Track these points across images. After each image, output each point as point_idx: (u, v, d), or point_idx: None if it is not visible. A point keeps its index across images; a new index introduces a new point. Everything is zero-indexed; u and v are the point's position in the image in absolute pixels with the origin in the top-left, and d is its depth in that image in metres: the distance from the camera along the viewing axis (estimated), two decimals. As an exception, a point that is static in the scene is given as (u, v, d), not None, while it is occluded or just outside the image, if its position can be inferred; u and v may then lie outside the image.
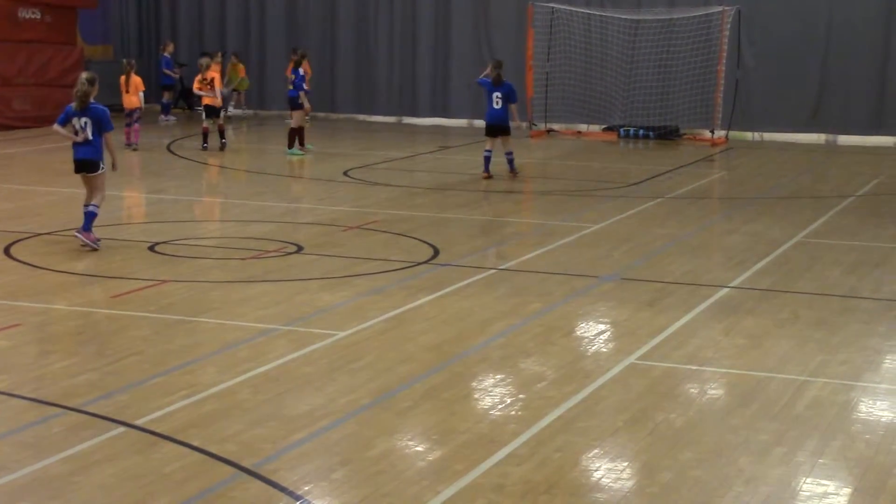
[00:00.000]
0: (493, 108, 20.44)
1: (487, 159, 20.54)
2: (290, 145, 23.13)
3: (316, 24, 32.02)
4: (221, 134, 23.84)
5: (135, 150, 23.17)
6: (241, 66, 31.36)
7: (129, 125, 23.59)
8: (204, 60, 24.72)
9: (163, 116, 30.06)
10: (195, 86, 24.27)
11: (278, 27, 32.43)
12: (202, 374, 9.17)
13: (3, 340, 10.05)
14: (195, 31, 33.35)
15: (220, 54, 29.04)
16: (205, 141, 23.78)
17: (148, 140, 25.10)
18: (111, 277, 12.48)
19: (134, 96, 23.38)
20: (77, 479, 7.05)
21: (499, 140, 20.52)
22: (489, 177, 20.42)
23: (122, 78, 23.62)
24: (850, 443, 7.92)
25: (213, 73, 24.11)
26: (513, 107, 20.50)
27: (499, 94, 20.36)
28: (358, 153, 24.04)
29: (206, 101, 23.92)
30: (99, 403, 8.40)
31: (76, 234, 13.83)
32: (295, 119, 22.95)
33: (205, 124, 23.97)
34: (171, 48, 30.90)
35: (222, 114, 24.37)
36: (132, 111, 23.50)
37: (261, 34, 32.63)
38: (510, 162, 20.74)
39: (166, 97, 30.46)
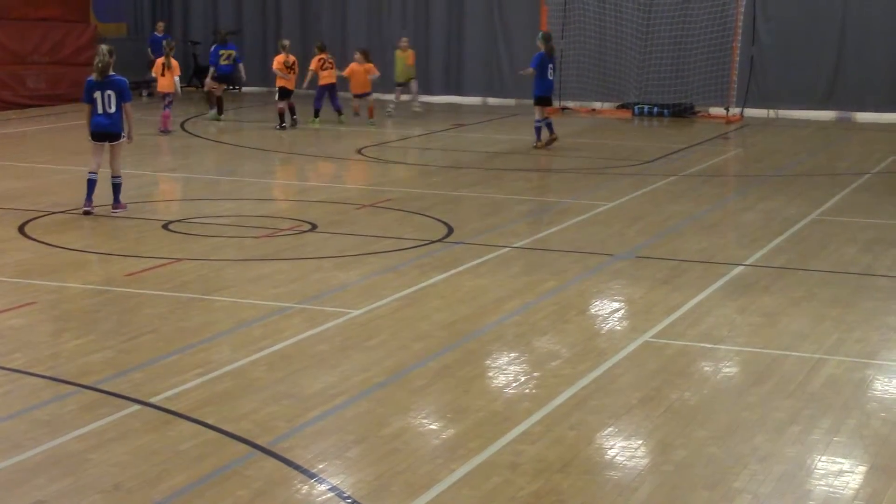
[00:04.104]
0: (549, 80, 21.32)
1: (539, 129, 21.41)
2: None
3: (329, 2, 31.91)
4: (291, 111, 23.95)
5: (165, 134, 22.56)
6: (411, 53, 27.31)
7: (166, 107, 23.02)
8: (287, 42, 24.93)
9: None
10: (275, 65, 24.30)
11: (292, 4, 32.33)
12: (216, 352, 9.18)
13: (18, 319, 10.07)
14: (209, 9, 33.26)
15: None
16: (282, 121, 23.79)
17: (156, 119, 25.11)
18: (126, 255, 12.49)
19: (170, 79, 22.79)
20: (92, 457, 7.07)
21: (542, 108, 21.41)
22: (543, 145, 21.33)
23: (160, 60, 22.97)
24: (865, 421, 7.90)
25: (294, 58, 24.34)
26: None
27: (552, 66, 21.30)
28: (372, 131, 23.99)
29: (280, 82, 23.95)
30: (113, 381, 8.42)
31: (112, 212, 14.46)
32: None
33: (279, 105, 23.84)
34: (160, 27, 30.74)
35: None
36: (165, 95, 22.89)
37: (277, 11, 32.53)
38: (550, 126, 21.49)
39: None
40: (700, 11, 27.94)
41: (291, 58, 24.28)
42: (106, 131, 14.47)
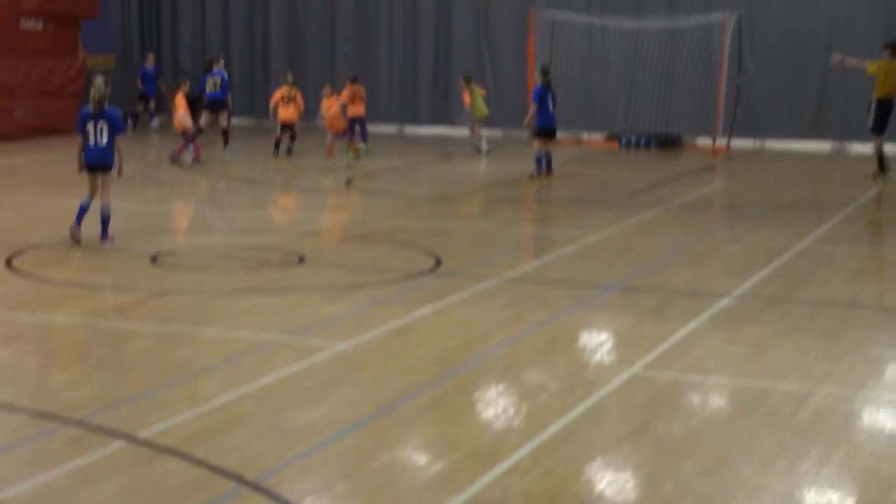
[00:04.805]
0: (550, 112, 21.70)
1: (540, 160, 21.68)
2: None
3: (317, 33, 32.06)
4: (287, 143, 24.71)
5: (181, 166, 22.80)
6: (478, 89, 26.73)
7: (190, 141, 23.18)
8: (290, 76, 25.47)
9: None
10: (274, 99, 24.93)
11: (280, 36, 32.47)
12: (204, 386, 9.15)
13: (3, 353, 10.03)
14: (197, 40, 33.38)
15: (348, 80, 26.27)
16: (276, 147, 24.81)
17: (145, 149, 25.18)
18: (113, 288, 12.46)
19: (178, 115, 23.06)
20: (78, 493, 7.03)
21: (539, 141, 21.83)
22: (542, 176, 21.63)
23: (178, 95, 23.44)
24: (853, 453, 7.90)
25: (297, 92, 24.96)
26: (535, 106, 21.80)
27: (551, 98, 21.71)
28: (360, 162, 24.02)
29: (283, 116, 24.66)
30: (100, 416, 8.38)
31: (101, 244, 14.47)
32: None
33: (277, 134, 24.69)
34: (150, 59, 30.86)
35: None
36: (182, 130, 23.12)
37: (265, 42, 32.65)
38: (549, 162, 21.81)
39: (139, 108, 30.27)
40: (686, 42, 28.09)
41: (294, 92, 24.76)
42: (96, 163, 14.55)
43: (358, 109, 25.12)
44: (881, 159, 22.25)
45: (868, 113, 22.19)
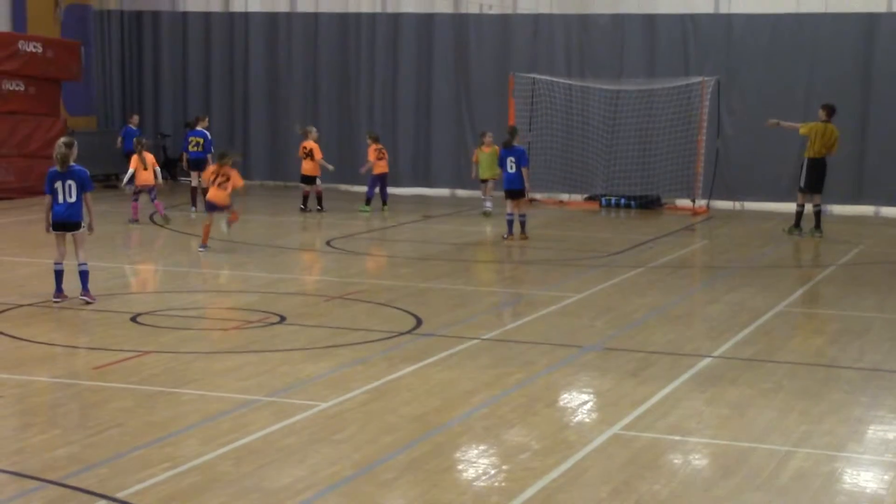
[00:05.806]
0: (507, 172, 21.72)
1: (509, 223, 21.66)
2: None
3: (298, 94, 32.18)
4: (318, 200, 25.51)
5: (160, 223, 22.84)
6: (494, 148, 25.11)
7: (135, 200, 23.16)
8: (309, 128, 26.07)
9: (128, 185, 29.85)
10: (301, 153, 25.53)
11: (261, 99, 32.59)
12: (184, 446, 9.11)
13: (-17, 413, 9.98)
14: (178, 101, 33.49)
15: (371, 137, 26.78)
16: (303, 203, 25.52)
17: (125, 211, 25.12)
18: (93, 349, 12.43)
19: (150, 173, 23.05)
20: (56, 554, 6.98)
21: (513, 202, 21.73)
22: (511, 238, 21.52)
23: (136, 157, 23.17)
24: (834, 513, 7.90)
25: (312, 145, 25.35)
26: (524, 170, 21.64)
27: (512, 159, 21.62)
28: (340, 223, 24.08)
29: (304, 170, 25.35)
30: (79, 476, 8.34)
31: (81, 297, 14.52)
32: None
33: (304, 189, 25.52)
34: (135, 120, 30.89)
35: (318, 181, 25.63)
36: (149, 188, 22.98)
37: (244, 106, 32.78)
38: (522, 224, 21.69)
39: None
40: (665, 105, 28.30)
41: (308, 145, 25.23)
42: (65, 221, 14.55)
43: (381, 167, 25.99)
44: (799, 216, 22.93)
45: (800, 172, 22.94)
